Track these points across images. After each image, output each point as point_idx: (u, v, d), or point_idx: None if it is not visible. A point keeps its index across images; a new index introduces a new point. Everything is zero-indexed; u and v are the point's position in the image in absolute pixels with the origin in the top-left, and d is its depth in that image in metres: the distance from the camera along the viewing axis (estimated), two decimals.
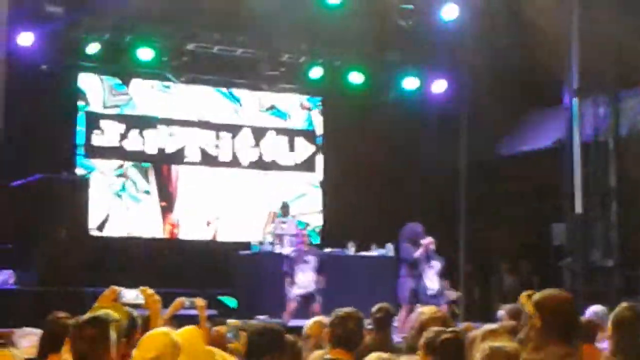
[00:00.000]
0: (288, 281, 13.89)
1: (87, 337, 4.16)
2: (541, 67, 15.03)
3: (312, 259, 13.99)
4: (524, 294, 4.14)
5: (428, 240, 13.64)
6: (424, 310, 6.17)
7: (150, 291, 5.32)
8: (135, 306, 6.00)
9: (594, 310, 8.08)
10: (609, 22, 14.13)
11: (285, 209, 16.36)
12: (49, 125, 15.81)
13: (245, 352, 5.05)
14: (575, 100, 15.47)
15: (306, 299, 13.77)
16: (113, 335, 4.21)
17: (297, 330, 7.26)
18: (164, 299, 5.37)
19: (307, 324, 7.51)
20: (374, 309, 7.23)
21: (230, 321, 6.72)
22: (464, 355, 4.79)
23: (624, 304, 4.01)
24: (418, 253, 13.58)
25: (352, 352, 5.15)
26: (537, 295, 4.14)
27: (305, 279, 13.85)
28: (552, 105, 16.68)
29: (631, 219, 14.92)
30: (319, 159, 19.06)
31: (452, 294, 14.04)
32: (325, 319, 6.18)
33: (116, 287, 5.26)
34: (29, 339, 6.16)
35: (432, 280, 13.67)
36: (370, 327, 7.04)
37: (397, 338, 9.48)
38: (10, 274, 13.29)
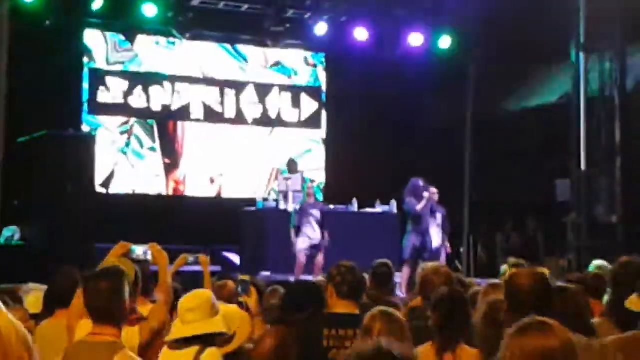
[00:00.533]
0: (294, 235, 13.88)
1: (103, 289, 4.15)
2: (548, 22, 14.93)
3: (317, 213, 13.99)
4: (507, 266, 4.03)
5: (431, 192, 13.60)
6: (427, 266, 6.21)
7: (158, 247, 5.40)
8: (144, 262, 6.06)
9: (597, 264, 8.11)
10: None
11: (292, 165, 16.34)
12: (54, 81, 15.75)
13: (283, 305, 5.12)
14: (582, 56, 15.40)
15: (313, 251, 13.79)
16: (126, 288, 4.23)
17: None
18: (169, 255, 5.43)
19: (316, 280, 7.55)
20: (375, 263, 7.28)
21: (242, 276, 6.79)
22: (466, 310, 4.82)
23: (622, 259, 3.89)
24: (420, 206, 13.53)
25: (357, 302, 5.19)
26: (512, 273, 3.94)
27: (312, 232, 13.87)
28: (559, 61, 16.59)
29: (635, 174, 14.91)
30: (324, 116, 19.03)
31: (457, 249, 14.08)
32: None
33: (126, 243, 5.31)
34: (34, 294, 6.20)
35: (435, 232, 13.71)
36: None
37: (399, 294, 9.56)
38: (15, 229, 13.35)
